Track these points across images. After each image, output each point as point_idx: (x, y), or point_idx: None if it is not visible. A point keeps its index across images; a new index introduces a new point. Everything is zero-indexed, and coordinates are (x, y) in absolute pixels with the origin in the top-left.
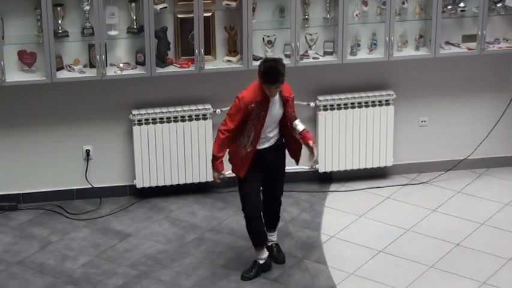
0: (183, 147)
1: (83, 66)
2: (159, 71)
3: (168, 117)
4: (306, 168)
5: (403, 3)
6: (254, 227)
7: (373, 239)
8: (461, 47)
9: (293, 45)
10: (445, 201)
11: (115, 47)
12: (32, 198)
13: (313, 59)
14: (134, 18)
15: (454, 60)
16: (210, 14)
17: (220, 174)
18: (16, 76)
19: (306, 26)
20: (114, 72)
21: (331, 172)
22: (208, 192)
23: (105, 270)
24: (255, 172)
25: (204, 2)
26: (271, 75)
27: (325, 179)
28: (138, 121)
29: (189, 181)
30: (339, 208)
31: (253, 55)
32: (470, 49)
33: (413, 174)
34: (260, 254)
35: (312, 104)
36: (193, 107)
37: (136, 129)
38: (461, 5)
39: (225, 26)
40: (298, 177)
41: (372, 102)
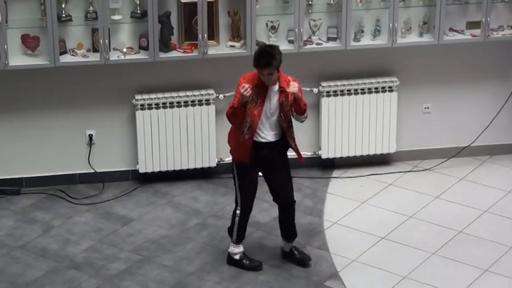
0: (186, 133)
1: (86, 51)
2: (162, 55)
3: (171, 102)
4: (308, 154)
5: None
6: (243, 224)
7: (375, 226)
8: (465, 34)
9: (296, 30)
10: (448, 188)
11: (118, 31)
12: (35, 183)
13: (317, 44)
14: (138, 2)
15: (458, 47)
16: None
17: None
18: (19, 60)
19: (310, 11)
20: (118, 56)
21: (334, 158)
22: (210, 177)
23: (107, 255)
24: (253, 171)
25: None
26: (263, 59)
27: (328, 165)
28: (141, 106)
29: (191, 166)
30: (342, 194)
31: (257, 40)
32: (475, 36)
33: (416, 161)
34: (236, 248)
35: (315, 90)
36: (196, 92)
37: (139, 114)
38: None
39: (228, 11)
40: (301, 164)
41: (375, 88)
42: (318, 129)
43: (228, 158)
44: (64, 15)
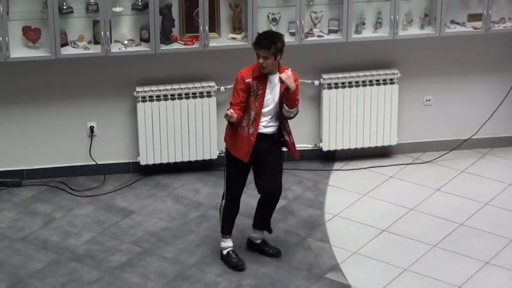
0: (187, 125)
1: (88, 43)
2: (164, 48)
3: (172, 95)
4: (309, 146)
5: None
6: (231, 213)
7: (376, 218)
8: (466, 26)
9: (298, 23)
10: (449, 181)
11: (119, 23)
12: (36, 175)
13: (318, 37)
14: None
15: (459, 39)
16: None
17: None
18: (20, 52)
19: (311, 3)
20: (119, 48)
21: (335, 151)
22: (211, 170)
23: (108, 247)
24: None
25: None
26: (263, 40)
27: (329, 158)
28: (142, 98)
29: (192, 158)
30: (343, 187)
31: (258, 33)
32: (476, 28)
33: (417, 153)
34: (226, 242)
35: (316, 83)
36: (197, 84)
37: (140, 106)
38: None
39: (229, 3)
40: (302, 156)
41: (377, 81)
42: (319, 121)
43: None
44: (65, 7)
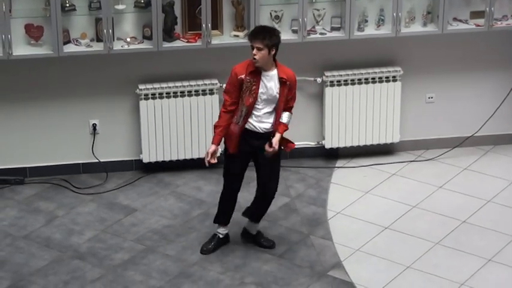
0: (190, 122)
1: (90, 40)
2: (166, 45)
3: (174, 92)
4: (312, 144)
5: None
6: (227, 204)
7: (379, 216)
8: (469, 24)
9: (300, 20)
10: (451, 178)
11: (122, 21)
12: (38, 172)
13: (320, 34)
14: None
15: (462, 36)
16: None
17: (212, 153)
18: (23, 50)
19: (314, 1)
20: (121, 46)
21: (338, 148)
22: (214, 167)
23: (111, 245)
24: (244, 155)
25: None
26: (258, 31)
27: (332, 155)
28: (144, 96)
29: (195, 156)
30: (345, 184)
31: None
32: (478, 25)
33: (420, 150)
34: (221, 229)
35: (319, 80)
36: (200, 82)
37: (143, 103)
38: None
39: (232, 0)
40: (304, 153)
41: (379, 78)
42: (321, 119)
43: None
44: (68, 5)
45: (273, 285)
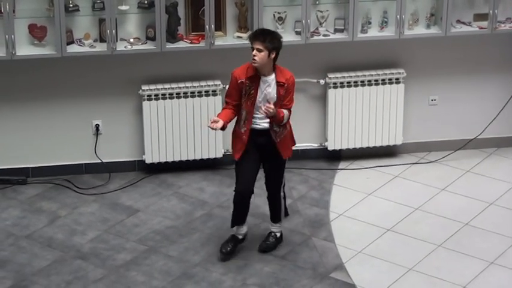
0: (193, 123)
1: (93, 41)
2: (169, 46)
3: (177, 93)
4: (315, 145)
5: None
6: (240, 208)
7: (381, 218)
8: (472, 26)
9: (304, 22)
10: (454, 181)
11: (125, 21)
12: (41, 173)
13: (324, 36)
14: None
15: (465, 39)
16: None
17: (215, 121)
18: (26, 50)
19: (317, 2)
20: (125, 47)
21: (340, 150)
22: (216, 168)
23: (113, 245)
24: (252, 154)
25: None
26: (259, 33)
27: (334, 157)
28: (147, 96)
29: (198, 157)
30: (348, 186)
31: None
32: (482, 28)
33: (423, 153)
34: (239, 230)
35: (322, 82)
36: (203, 83)
37: (145, 104)
38: None
39: (235, 1)
40: (307, 155)
41: (382, 80)
42: (324, 120)
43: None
44: (71, 5)
45: (274, 286)
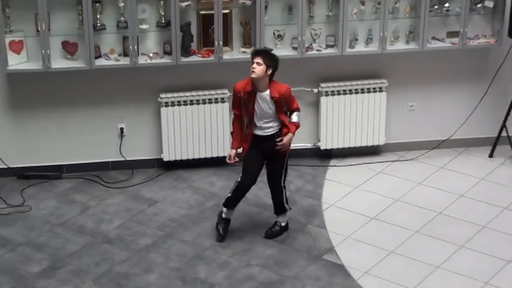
0: (204, 126)
1: (118, 55)
2: (184, 60)
3: (191, 100)
4: (309, 145)
5: (396, 3)
6: (237, 194)
7: (366, 208)
8: (445, 42)
9: (299, 38)
10: (429, 176)
11: (145, 38)
12: (74, 169)
13: (317, 51)
14: (162, 14)
15: (439, 53)
16: (228, 11)
17: (235, 155)
18: (60, 63)
19: (311, 22)
20: (145, 60)
21: (331, 149)
22: (225, 165)
23: (136, 232)
24: (255, 153)
25: (223, 0)
26: (259, 48)
27: (326, 155)
28: (165, 103)
29: (208, 155)
30: (338, 180)
31: (265, 47)
32: (454, 44)
33: (402, 152)
34: (229, 213)
35: (315, 90)
36: (212, 92)
37: (163, 110)
38: (446, 5)
39: (241, 21)
40: (303, 154)
41: (367, 89)
42: (317, 124)
43: (239, 149)
44: (99, 25)
45: (274, 267)
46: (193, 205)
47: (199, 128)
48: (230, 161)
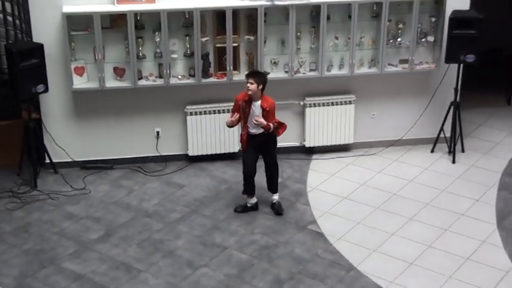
0: (219, 129)
1: (155, 77)
2: (204, 81)
3: (209, 111)
4: (297, 144)
5: (361, 38)
6: (247, 182)
7: (340, 190)
8: (398, 67)
9: (290, 65)
10: (387, 166)
11: (175, 64)
12: (122, 162)
13: (303, 73)
14: (188, 46)
15: (394, 75)
16: (236, 44)
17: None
18: (112, 83)
19: (299, 52)
20: (175, 81)
21: (314, 147)
22: (234, 159)
23: (168, 208)
24: (252, 148)
25: (233, 36)
26: (251, 72)
27: (310, 151)
28: (190, 113)
29: (222, 151)
30: (319, 170)
31: (264, 71)
32: (404, 68)
33: (366, 148)
34: (249, 200)
35: (302, 103)
36: (225, 104)
37: (189, 118)
38: (399, 39)
39: (246, 52)
40: (292, 150)
41: (340, 102)
42: (303, 127)
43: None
44: (141, 55)
45: (272, 234)
46: (211, 188)
47: (215, 131)
48: (231, 118)
